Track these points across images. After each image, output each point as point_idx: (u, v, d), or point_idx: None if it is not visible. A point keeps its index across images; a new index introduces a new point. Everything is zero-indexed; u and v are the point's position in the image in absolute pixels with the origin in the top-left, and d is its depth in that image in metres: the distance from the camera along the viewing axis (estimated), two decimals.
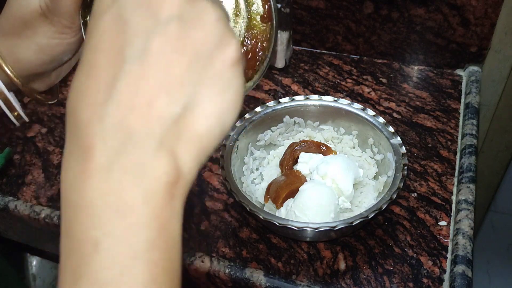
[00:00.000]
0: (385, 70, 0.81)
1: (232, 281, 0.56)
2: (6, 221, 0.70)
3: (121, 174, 0.21)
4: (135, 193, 0.21)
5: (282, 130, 0.66)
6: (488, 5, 0.71)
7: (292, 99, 0.64)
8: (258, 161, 0.64)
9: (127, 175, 0.21)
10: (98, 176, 0.21)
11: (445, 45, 0.78)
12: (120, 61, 0.22)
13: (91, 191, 0.22)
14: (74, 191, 0.22)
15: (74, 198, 0.22)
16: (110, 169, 0.21)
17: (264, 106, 0.64)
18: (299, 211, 0.53)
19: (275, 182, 0.58)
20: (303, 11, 0.82)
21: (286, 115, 0.64)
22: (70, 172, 0.23)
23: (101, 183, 0.21)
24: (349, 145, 0.63)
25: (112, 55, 0.22)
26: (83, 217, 0.22)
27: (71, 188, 0.22)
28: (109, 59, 0.22)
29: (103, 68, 0.22)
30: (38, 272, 1.02)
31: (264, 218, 0.51)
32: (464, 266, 0.52)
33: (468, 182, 0.61)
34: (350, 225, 0.50)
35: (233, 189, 0.55)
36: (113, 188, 0.21)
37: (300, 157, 0.60)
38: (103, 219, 0.21)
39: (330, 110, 0.64)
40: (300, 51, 0.87)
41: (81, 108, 0.22)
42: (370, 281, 0.54)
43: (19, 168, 0.71)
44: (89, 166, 0.21)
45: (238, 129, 0.62)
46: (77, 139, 0.22)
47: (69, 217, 0.23)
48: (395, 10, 0.76)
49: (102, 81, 0.22)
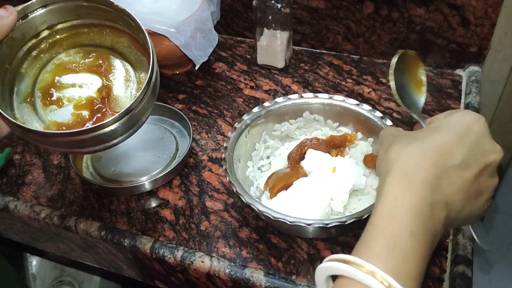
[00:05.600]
0: (385, 70, 0.81)
1: (232, 281, 0.56)
2: (6, 221, 0.70)
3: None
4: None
5: (300, 125, 0.66)
6: (488, 5, 0.71)
7: (316, 96, 0.64)
8: (271, 150, 0.65)
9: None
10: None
11: (445, 45, 0.78)
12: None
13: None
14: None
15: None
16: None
17: (286, 98, 0.64)
18: (287, 204, 0.54)
19: (276, 173, 0.59)
20: (303, 11, 0.82)
21: (307, 111, 0.64)
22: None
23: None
24: (362, 151, 0.62)
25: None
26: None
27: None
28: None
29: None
30: (38, 272, 1.02)
31: (259, 210, 0.52)
32: (464, 266, 0.52)
33: None
34: (343, 224, 0.50)
35: (228, 170, 0.56)
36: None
37: (307, 153, 0.60)
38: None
39: (350, 113, 0.63)
40: (300, 51, 0.87)
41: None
42: None
43: (19, 168, 0.71)
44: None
45: (253, 114, 0.62)
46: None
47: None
48: (395, 10, 0.76)
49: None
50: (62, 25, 0.49)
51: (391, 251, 0.33)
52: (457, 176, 0.37)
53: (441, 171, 0.36)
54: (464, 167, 0.37)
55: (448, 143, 0.37)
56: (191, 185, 0.65)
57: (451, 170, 0.37)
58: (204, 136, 0.72)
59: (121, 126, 0.43)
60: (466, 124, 0.39)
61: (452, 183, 0.37)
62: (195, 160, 0.69)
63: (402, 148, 0.38)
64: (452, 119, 0.40)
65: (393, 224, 0.34)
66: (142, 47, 0.50)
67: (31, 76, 0.49)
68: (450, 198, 0.36)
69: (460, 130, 0.38)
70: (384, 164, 0.38)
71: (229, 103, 0.78)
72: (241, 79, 0.82)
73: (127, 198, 0.65)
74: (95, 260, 0.70)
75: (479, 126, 0.39)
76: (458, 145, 0.37)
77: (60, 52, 0.50)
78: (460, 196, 0.37)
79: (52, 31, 0.49)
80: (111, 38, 0.50)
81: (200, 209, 0.62)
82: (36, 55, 0.49)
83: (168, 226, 0.61)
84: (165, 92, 0.80)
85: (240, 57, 0.87)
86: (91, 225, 0.61)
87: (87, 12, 0.49)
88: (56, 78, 0.49)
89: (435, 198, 0.35)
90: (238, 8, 0.87)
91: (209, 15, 0.75)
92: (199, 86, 0.81)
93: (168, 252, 0.58)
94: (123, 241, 0.59)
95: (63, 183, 0.68)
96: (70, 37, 0.50)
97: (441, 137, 0.38)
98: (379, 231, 0.34)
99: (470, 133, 0.38)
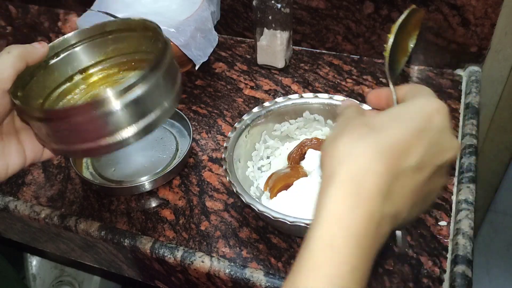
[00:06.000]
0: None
1: (232, 281, 0.56)
2: (6, 221, 0.70)
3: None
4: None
5: (300, 125, 0.66)
6: (488, 5, 0.71)
7: (316, 96, 0.64)
8: (271, 150, 0.65)
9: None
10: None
11: (445, 45, 0.78)
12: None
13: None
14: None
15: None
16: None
17: (286, 98, 0.64)
18: (287, 204, 0.54)
19: (276, 173, 0.59)
20: (303, 11, 0.82)
21: (307, 111, 0.64)
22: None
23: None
24: None
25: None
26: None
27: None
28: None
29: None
30: (38, 272, 1.02)
31: (259, 210, 0.52)
32: (464, 266, 0.52)
33: (468, 182, 0.61)
34: None
35: (228, 170, 0.56)
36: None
37: (307, 154, 0.60)
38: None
39: None
40: (300, 51, 0.87)
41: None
42: (370, 281, 0.54)
43: None
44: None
45: (253, 114, 0.62)
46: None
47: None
48: (395, 10, 0.76)
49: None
50: (93, 68, 0.51)
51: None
52: (410, 180, 0.32)
53: (394, 176, 0.31)
54: (418, 169, 0.32)
55: (405, 140, 0.32)
56: (191, 185, 0.65)
57: (405, 173, 0.32)
58: (204, 136, 0.72)
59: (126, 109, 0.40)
60: (426, 116, 0.33)
61: (403, 188, 0.32)
62: (195, 160, 0.69)
63: (353, 142, 0.32)
64: (412, 108, 0.34)
65: (332, 260, 0.29)
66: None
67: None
68: (399, 208, 0.32)
69: (420, 123, 0.33)
70: (329, 160, 0.32)
71: (229, 103, 0.78)
72: (241, 79, 0.82)
73: (127, 198, 0.65)
74: (95, 260, 0.69)
75: (440, 118, 0.34)
76: (415, 142, 0.32)
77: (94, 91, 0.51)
78: (408, 203, 0.33)
79: (85, 75, 0.50)
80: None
81: (200, 209, 0.62)
82: (70, 98, 0.50)
83: (168, 226, 0.61)
84: None
85: (240, 57, 0.87)
86: (91, 225, 0.61)
87: (113, 48, 0.50)
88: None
89: (384, 212, 0.31)
90: (238, 8, 0.87)
91: (209, 15, 0.75)
92: (199, 86, 0.81)
93: (168, 252, 0.58)
94: (123, 241, 0.59)
95: (63, 183, 0.68)
96: (103, 79, 0.51)
97: (398, 132, 0.32)
98: (315, 269, 0.29)
99: (430, 127, 0.33)
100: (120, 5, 0.79)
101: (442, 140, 0.33)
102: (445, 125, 0.34)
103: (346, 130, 0.33)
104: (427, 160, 0.32)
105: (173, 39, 0.71)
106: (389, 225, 0.32)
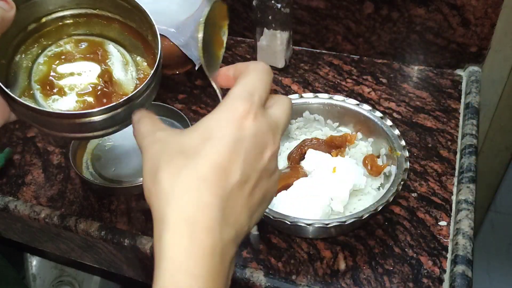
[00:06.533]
0: (385, 70, 0.81)
1: (232, 281, 0.56)
2: (6, 221, 0.70)
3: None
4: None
5: (300, 125, 0.66)
6: (488, 5, 0.71)
7: (316, 96, 0.64)
8: None
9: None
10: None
11: (445, 45, 0.78)
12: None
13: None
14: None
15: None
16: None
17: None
18: (287, 204, 0.54)
19: None
20: (303, 11, 0.82)
21: (307, 111, 0.64)
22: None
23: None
24: (362, 152, 0.62)
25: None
26: None
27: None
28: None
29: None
30: (38, 272, 1.02)
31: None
32: (464, 266, 0.52)
33: (468, 182, 0.61)
34: (343, 224, 0.50)
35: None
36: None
37: (307, 153, 0.60)
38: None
39: (350, 113, 0.63)
40: (300, 51, 0.87)
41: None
42: (370, 281, 0.54)
43: (19, 168, 0.71)
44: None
45: None
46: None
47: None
48: (395, 10, 0.76)
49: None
50: (47, 17, 0.49)
51: None
52: (239, 196, 0.31)
53: (224, 200, 0.30)
54: (243, 181, 0.31)
55: (223, 158, 0.31)
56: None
57: (233, 192, 0.31)
58: None
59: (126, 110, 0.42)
60: (236, 124, 0.32)
61: (236, 207, 0.31)
62: None
63: (175, 177, 0.30)
64: (220, 120, 0.33)
65: None
66: (134, 32, 0.50)
67: (24, 70, 0.49)
68: (238, 227, 0.31)
69: (232, 135, 0.31)
70: (156, 201, 0.31)
71: None
72: None
73: (127, 198, 0.65)
74: (95, 260, 0.69)
75: (249, 122, 0.32)
76: (233, 157, 0.31)
77: (50, 44, 0.50)
78: (246, 217, 0.32)
79: (39, 24, 0.49)
80: (100, 27, 0.51)
81: None
82: (25, 49, 0.49)
83: None
84: (165, 92, 0.80)
85: (240, 57, 0.87)
86: (91, 225, 0.61)
87: (76, 2, 0.49)
88: (52, 68, 0.49)
89: (224, 240, 0.30)
90: (238, 8, 0.87)
91: None
92: (199, 86, 0.81)
93: None
94: (123, 241, 0.59)
95: (63, 183, 0.68)
96: (58, 29, 0.50)
97: (215, 152, 0.31)
98: None
99: (243, 136, 0.31)
100: None
101: (257, 143, 0.32)
102: (257, 126, 0.32)
103: (162, 161, 0.31)
104: (249, 169, 0.32)
105: (173, 39, 0.71)
106: (234, 247, 0.32)
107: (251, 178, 0.32)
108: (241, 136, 0.32)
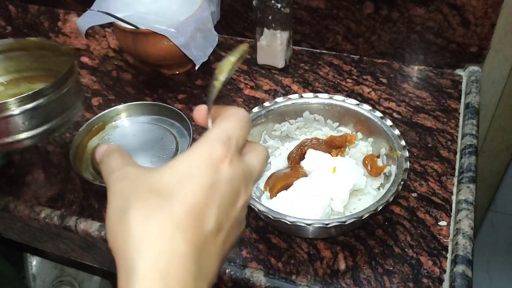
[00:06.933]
0: (385, 70, 0.81)
1: (232, 281, 0.56)
2: (6, 221, 0.70)
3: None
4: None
5: (300, 125, 0.66)
6: (488, 5, 0.71)
7: (316, 96, 0.64)
8: (271, 150, 0.65)
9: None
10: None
11: (445, 45, 0.78)
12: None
13: None
14: None
15: None
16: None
17: (286, 98, 0.64)
18: (288, 204, 0.54)
19: (276, 173, 0.59)
20: (303, 11, 0.82)
21: (307, 111, 0.64)
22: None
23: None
24: (362, 152, 0.62)
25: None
26: None
27: None
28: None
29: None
30: (38, 272, 1.02)
31: (259, 210, 0.52)
32: (464, 266, 0.52)
33: (468, 182, 0.61)
34: (343, 224, 0.50)
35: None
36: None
37: (307, 153, 0.60)
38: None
39: (350, 113, 0.63)
40: (300, 51, 0.87)
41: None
42: (370, 281, 0.54)
43: (19, 168, 0.71)
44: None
45: (254, 115, 0.62)
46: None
47: None
48: (395, 10, 0.76)
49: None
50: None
51: None
52: (214, 245, 0.30)
53: (198, 248, 0.28)
54: (218, 230, 0.30)
55: (199, 202, 0.28)
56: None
57: (207, 241, 0.29)
58: None
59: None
60: (213, 167, 0.30)
61: (210, 257, 0.29)
62: None
63: (147, 220, 0.28)
64: (197, 159, 0.30)
65: None
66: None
67: None
68: (210, 276, 0.30)
69: (208, 178, 0.29)
70: (124, 248, 0.28)
71: (229, 103, 0.77)
72: (241, 79, 0.82)
73: None
74: (95, 260, 0.69)
75: (226, 166, 0.30)
76: (209, 202, 0.29)
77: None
78: (217, 266, 0.31)
79: None
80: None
81: None
82: None
83: None
84: (165, 92, 0.80)
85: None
86: (91, 225, 0.61)
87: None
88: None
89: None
90: (238, 8, 0.87)
91: (209, 15, 0.75)
92: (199, 86, 0.81)
93: None
94: None
95: (63, 183, 0.68)
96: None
97: (190, 195, 0.29)
98: None
99: (219, 180, 0.30)
100: (120, 5, 0.78)
101: (232, 189, 0.31)
102: (233, 172, 0.31)
103: (132, 200, 0.29)
104: (223, 216, 0.30)
105: (173, 39, 0.71)
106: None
107: (224, 226, 0.30)
108: (217, 180, 0.30)
